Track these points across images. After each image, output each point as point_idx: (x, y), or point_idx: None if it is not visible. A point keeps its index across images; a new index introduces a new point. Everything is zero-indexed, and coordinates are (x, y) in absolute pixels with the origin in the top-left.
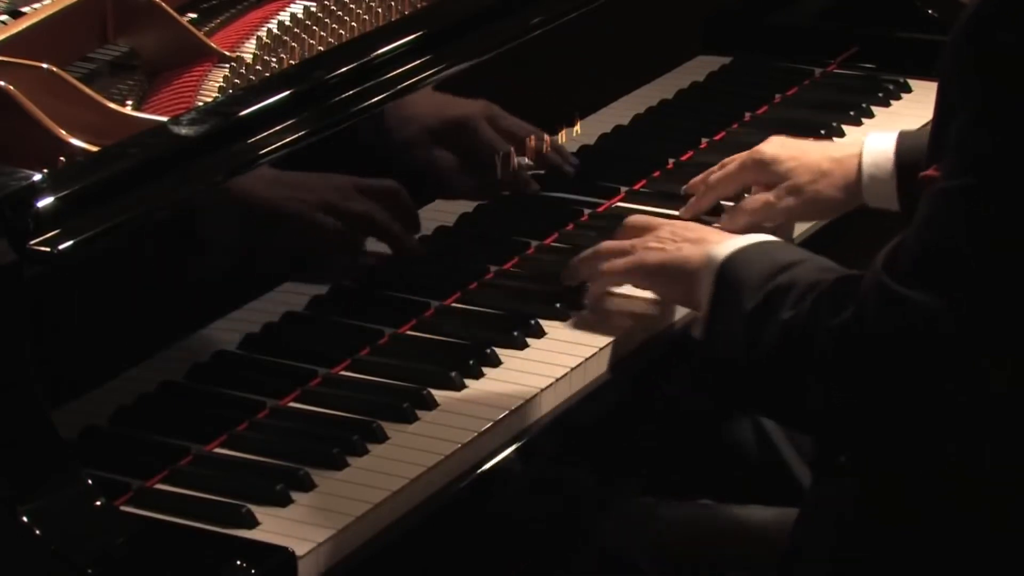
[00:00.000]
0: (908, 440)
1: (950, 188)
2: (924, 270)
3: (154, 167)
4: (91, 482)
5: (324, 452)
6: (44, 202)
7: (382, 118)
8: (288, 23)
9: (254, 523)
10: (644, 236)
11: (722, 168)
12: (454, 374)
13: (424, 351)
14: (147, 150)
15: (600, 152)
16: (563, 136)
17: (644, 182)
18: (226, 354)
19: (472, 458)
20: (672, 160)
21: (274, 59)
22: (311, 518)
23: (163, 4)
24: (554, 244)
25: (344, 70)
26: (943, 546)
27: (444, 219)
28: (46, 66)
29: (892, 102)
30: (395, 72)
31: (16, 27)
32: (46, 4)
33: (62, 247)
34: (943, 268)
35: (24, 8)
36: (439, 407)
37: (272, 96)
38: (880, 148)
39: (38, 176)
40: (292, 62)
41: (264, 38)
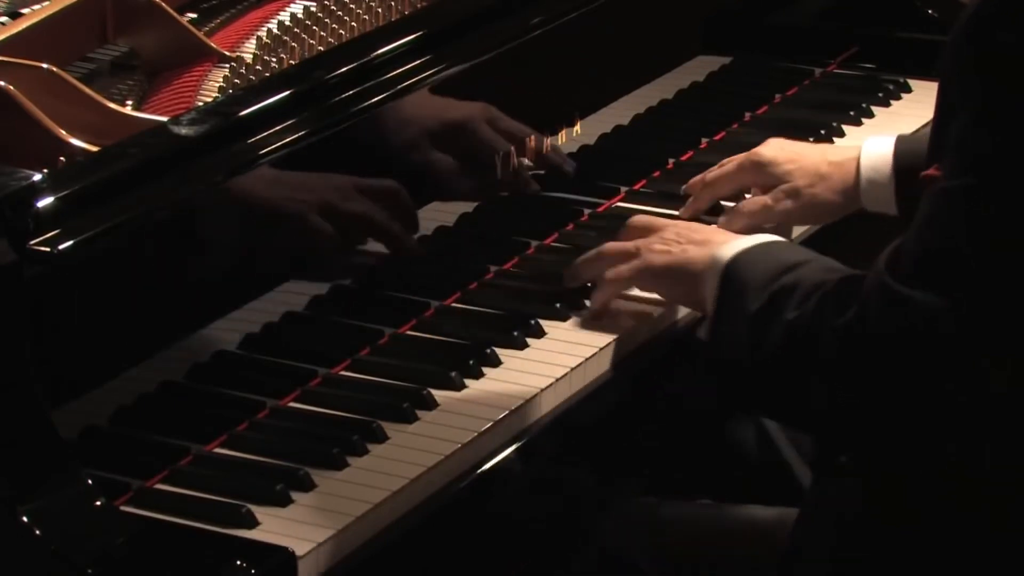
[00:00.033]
0: (909, 440)
1: (950, 188)
2: (925, 270)
3: (154, 167)
4: (91, 482)
5: (324, 452)
6: (44, 202)
7: (382, 118)
8: (288, 23)
9: (254, 523)
10: (648, 238)
11: (720, 167)
12: (454, 374)
13: (424, 351)
14: (147, 150)
15: (600, 152)
16: (563, 136)
17: (644, 182)
18: (226, 354)
19: (472, 458)
20: (672, 160)
21: (274, 59)
22: (311, 518)
23: (163, 4)
24: (554, 244)
25: (344, 70)
26: (943, 546)
27: (444, 219)
28: (46, 66)
29: (892, 102)
30: (395, 72)
31: (16, 27)
32: (46, 4)
33: (62, 247)
34: (943, 268)
35: (24, 8)
36: (439, 407)
37: (272, 96)
38: (878, 152)
39: (38, 176)
40: (292, 62)
41: (264, 38)
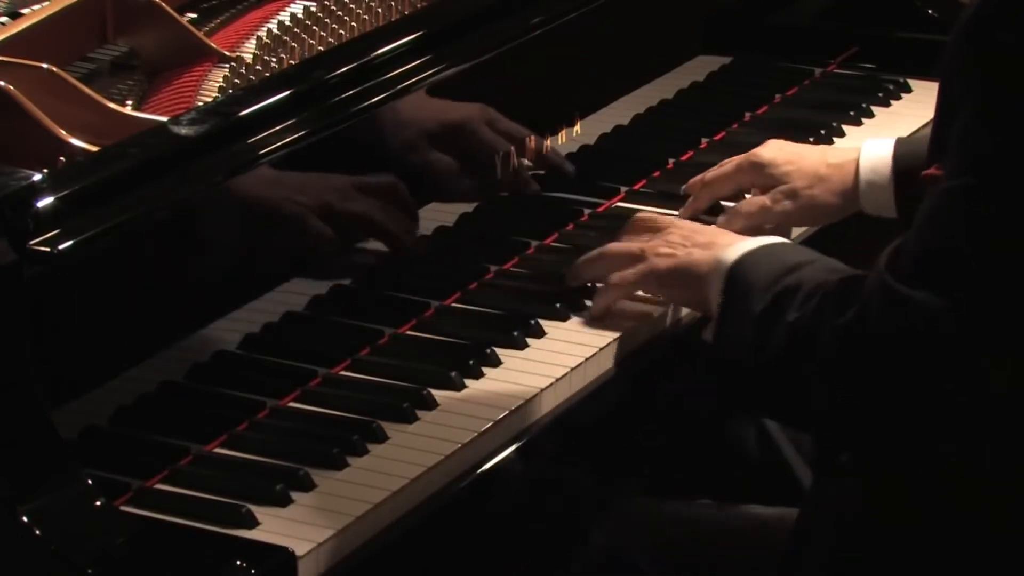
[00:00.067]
0: (909, 440)
1: (951, 187)
2: (925, 270)
3: (154, 167)
4: (91, 482)
5: (324, 452)
6: (44, 202)
7: (382, 118)
8: (288, 23)
9: (254, 523)
10: (653, 240)
11: (719, 168)
12: (454, 374)
13: (424, 351)
14: (147, 150)
15: (600, 152)
16: (563, 136)
17: (644, 182)
18: (226, 354)
19: (472, 458)
20: (672, 160)
21: (274, 59)
22: (311, 518)
23: (163, 4)
24: (554, 244)
25: (344, 70)
26: (943, 546)
27: (444, 219)
28: (46, 66)
29: (892, 102)
30: (395, 72)
31: (16, 27)
32: (46, 4)
33: (62, 247)
34: (944, 268)
35: (24, 8)
36: (439, 407)
37: (272, 96)
38: (878, 154)
39: (38, 176)
40: (292, 62)
41: (264, 38)
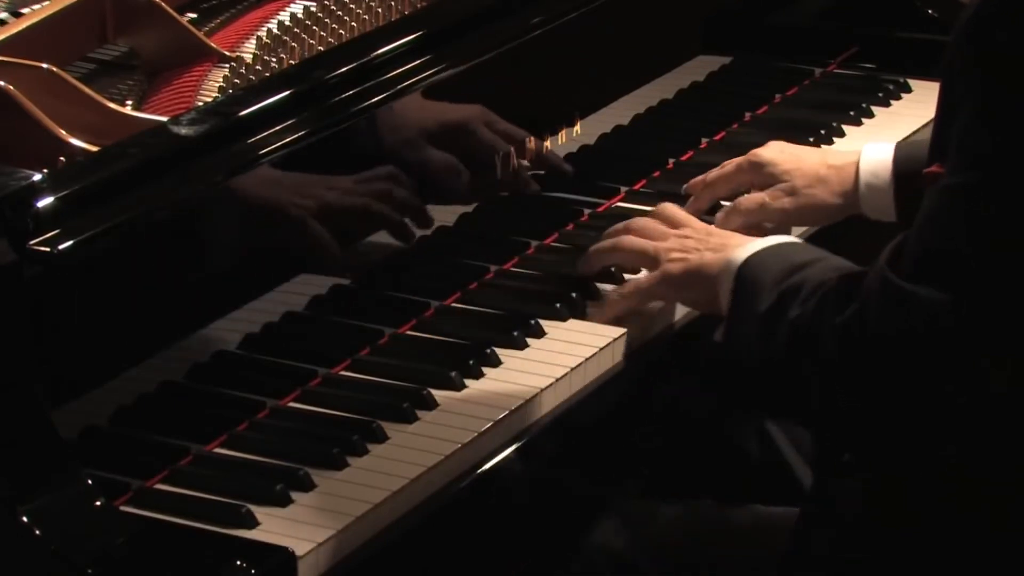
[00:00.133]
0: (909, 440)
1: (951, 185)
2: (926, 267)
3: (154, 167)
4: (91, 482)
5: (324, 452)
6: (44, 202)
7: (382, 118)
8: (288, 23)
9: (254, 523)
10: (667, 242)
11: (721, 168)
12: (454, 374)
13: (424, 351)
14: (147, 150)
15: (600, 152)
16: (563, 136)
17: (644, 182)
18: (226, 354)
19: (472, 458)
20: (672, 160)
21: (274, 59)
22: (311, 518)
23: (163, 4)
24: (554, 244)
25: (344, 70)
26: (943, 546)
27: (444, 219)
28: (46, 66)
29: (892, 102)
30: (395, 72)
31: (16, 27)
32: (46, 4)
33: (62, 247)
34: (944, 266)
35: (24, 8)
36: (439, 407)
37: (272, 96)
38: (878, 157)
39: (38, 176)
40: (292, 62)
41: (264, 38)
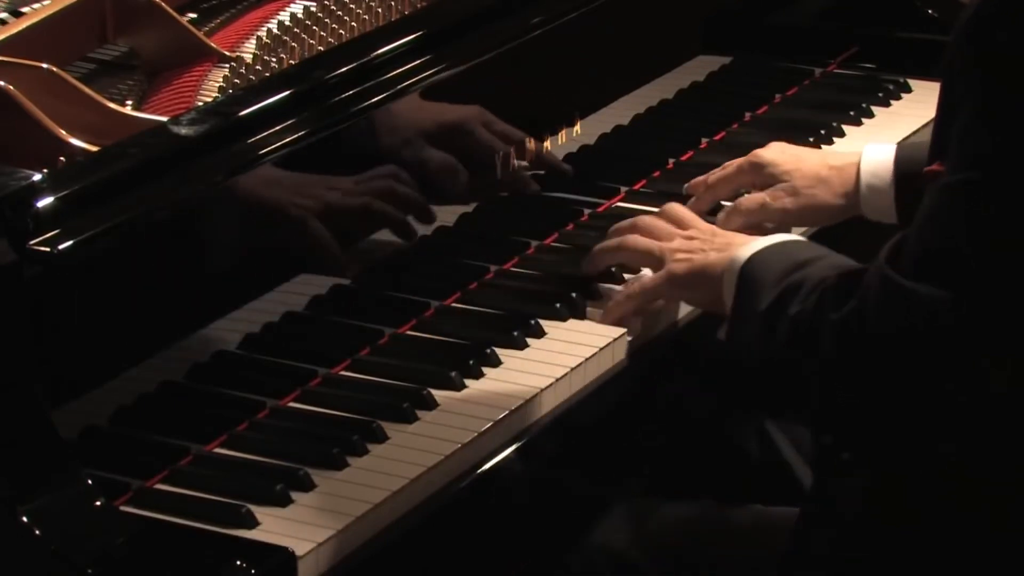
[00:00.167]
0: (909, 439)
1: (951, 183)
2: (925, 265)
3: (154, 167)
4: (91, 482)
5: (324, 452)
6: (44, 202)
7: (381, 119)
8: (288, 23)
9: (254, 523)
10: (672, 242)
11: (722, 169)
12: (454, 374)
13: (424, 351)
14: (147, 150)
15: (600, 152)
16: (563, 136)
17: (644, 182)
18: (226, 354)
19: (472, 458)
20: (672, 160)
21: (274, 59)
22: (311, 518)
23: (163, 4)
24: (554, 244)
25: (344, 70)
26: (943, 546)
27: (444, 219)
28: (46, 66)
29: (892, 102)
30: (395, 72)
31: (16, 27)
32: (46, 4)
33: (62, 247)
34: (944, 264)
35: (24, 8)
36: (439, 407)
37: (272, 96)
38: (879, 159)
39: (38, 176)
40: (292, 62)
41: (264, 38)
